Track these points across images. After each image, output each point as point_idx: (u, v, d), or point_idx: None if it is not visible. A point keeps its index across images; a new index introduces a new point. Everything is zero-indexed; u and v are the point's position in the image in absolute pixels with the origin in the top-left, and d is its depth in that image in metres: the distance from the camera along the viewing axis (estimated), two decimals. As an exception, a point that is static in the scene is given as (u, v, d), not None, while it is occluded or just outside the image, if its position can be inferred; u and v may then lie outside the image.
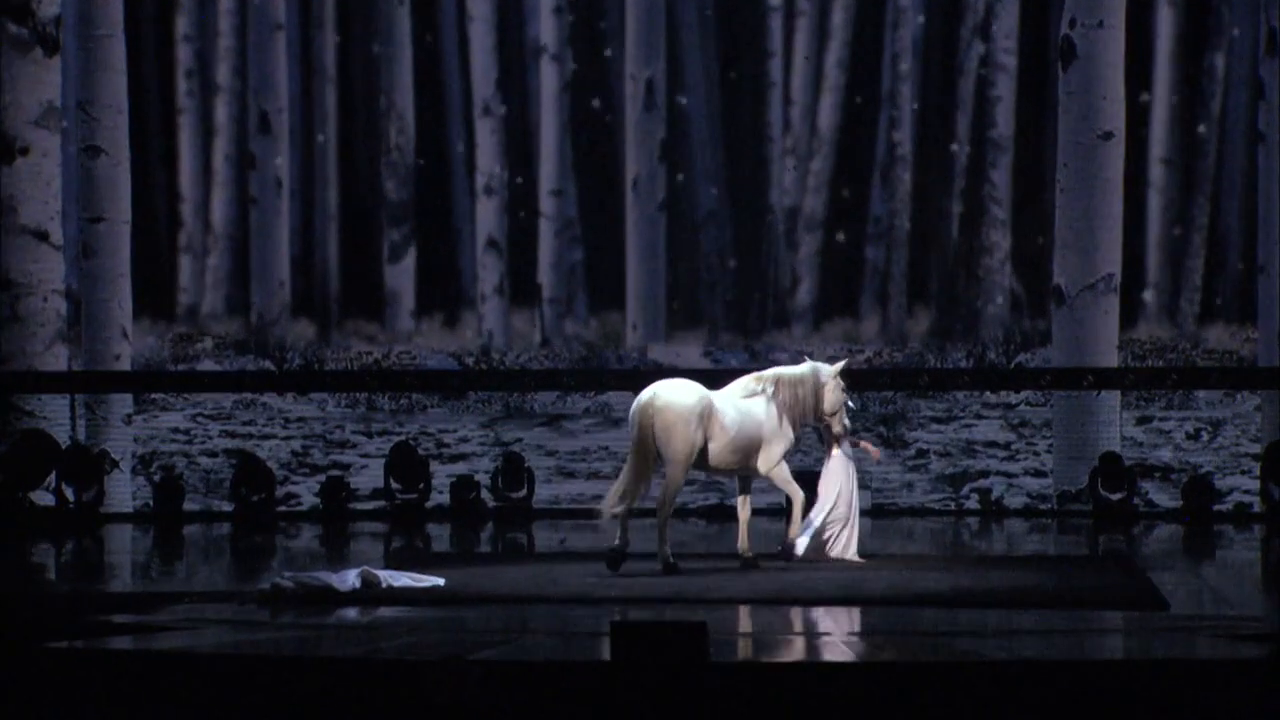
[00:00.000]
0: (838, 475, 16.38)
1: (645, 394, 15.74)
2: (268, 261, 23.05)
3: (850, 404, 16.36)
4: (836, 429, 16.31)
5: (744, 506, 16.16)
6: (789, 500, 16.11)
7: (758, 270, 22.94)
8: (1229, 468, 22.25)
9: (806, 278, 22.93)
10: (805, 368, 16.21)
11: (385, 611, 13.83)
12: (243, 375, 22.87)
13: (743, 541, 16.05)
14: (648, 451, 15.66)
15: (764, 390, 16.00)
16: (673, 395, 15.75)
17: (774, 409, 15.96)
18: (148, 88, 23.04)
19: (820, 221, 22.91)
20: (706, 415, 15.75)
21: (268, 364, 23.06)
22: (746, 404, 15.93)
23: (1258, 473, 21.87)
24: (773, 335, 22.81)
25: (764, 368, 16.66)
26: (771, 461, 15.93)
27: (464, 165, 23.08)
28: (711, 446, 15.78)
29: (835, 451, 16.54)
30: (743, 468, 16.09)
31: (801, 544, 16.33)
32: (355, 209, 23.20)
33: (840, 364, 16.35)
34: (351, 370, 22.99)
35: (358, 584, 14.44)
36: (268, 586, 14.38)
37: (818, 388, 16.07)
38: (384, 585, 14.54)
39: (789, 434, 15.98)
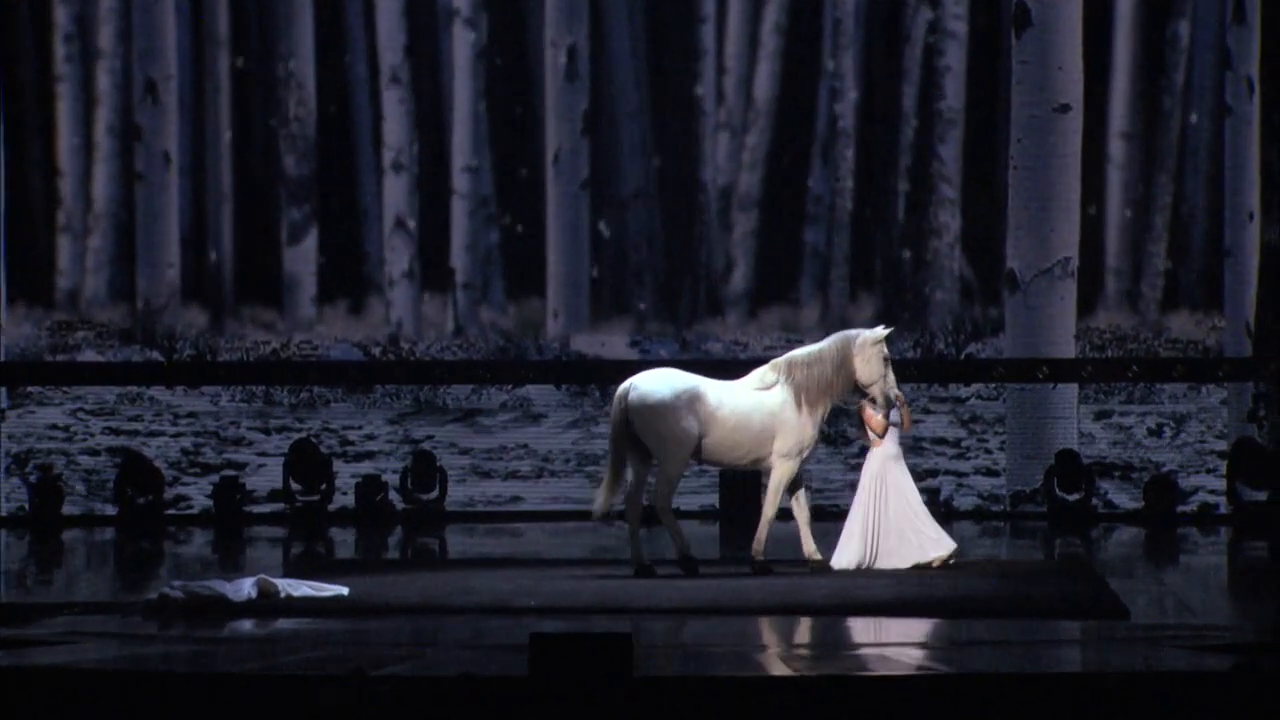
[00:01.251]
0: (874, 477, 15.95)
1: (623, 385, 15.82)
2: (155, 243, 22.91)
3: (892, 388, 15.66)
4: (879, 401, 15.72)
5: (799, 506, 15.89)
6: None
7: (689, 254, 22.96)
8: (1193, 466, 22.44)
9: (741, 261, 22.97)
10: (827, 341, 15.85)
11: (284, 624, 13.79)
12: (128, 367, 22.72)
13: (807, 545, 15.88)
14: (622, 447, 15.71)
15: (778, 378, 15.75)
16: (648, 387, 15.74)
17: (789, 396, 15.71)
18: (21, 52, 22.84)
19: (756, 201, 22.95)
20: (691, 406, 15.65)
21: (155, 355, 22.93)
22: (758, 395, 15.73)
23: (1224, 471, 22.08)
24: (705, 324, 22.84)
25: (695, 358, 16.65)
26: (780, 454, 15.69)
27: (370, 139, 22.99)
28: (706, 441, 15.71)
29: (876, 450, 16.07)
30: (758, 465, 15.98)
31: (841, 558, 15.99)
32: (251, 186, 23.08)
33: (881, 330, 15.80)
34: (247, 361, 22.89)
35: (254, 594, 14.39)
36: (155, 597, 14.31)
37: (844, 360, 15.62)
38: (282, 595, 14.50)
39: (805, 427, 15.64)
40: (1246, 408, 22.31)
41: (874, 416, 16.20)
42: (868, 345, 15.72)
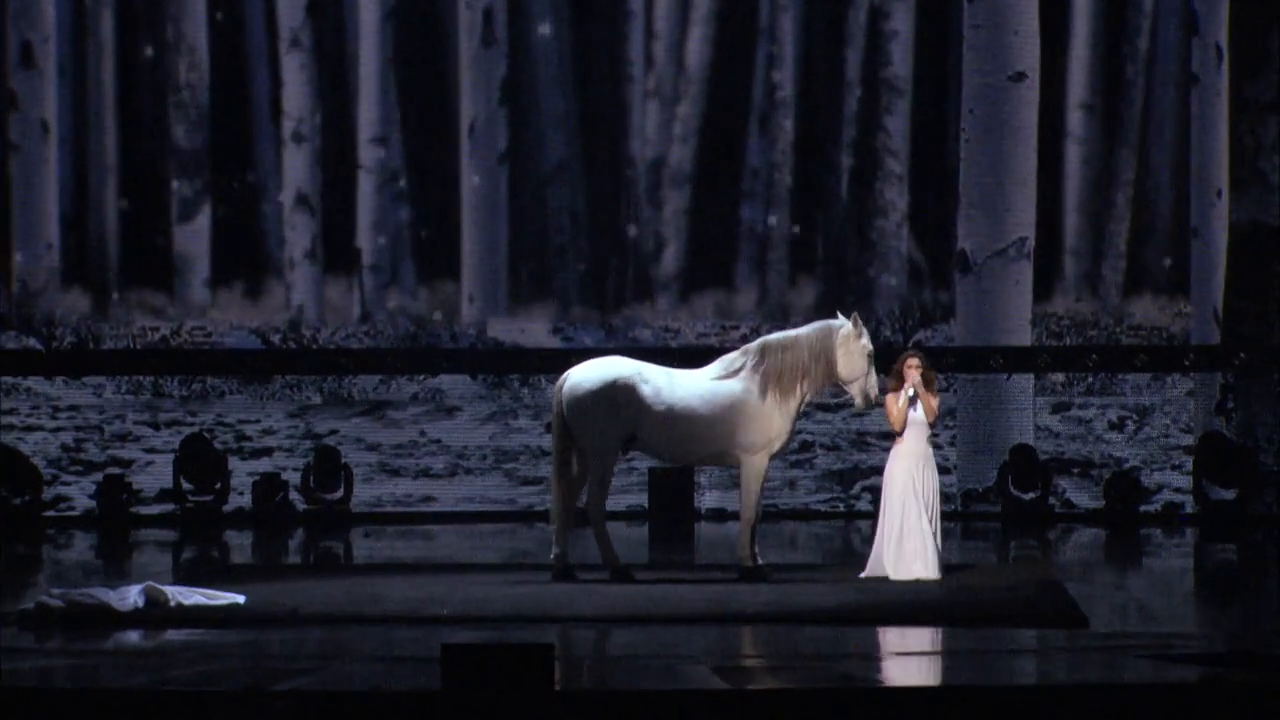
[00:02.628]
0: (899, 479, 15.68)
1: (564, 375, 15.88)
2: (32, 220, 22.76)
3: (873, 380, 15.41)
4: (859, 402, 15.50)
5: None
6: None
7: (616, 233, 22.97)
8: (1158, 462, 22.60)
9: (672, 241, 22.99)
10: (808, 327, 15.70)
11: (174, 635, 13.75)
12: (2, 355, 22.59)
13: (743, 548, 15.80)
14: (566, 442, 15.79)
15: (745, 363, 15.63)
16: (579, 377, 15.78)
17: (755, 384, 15.60)
18: (-113, 12, 22.68)
19: (688, 176, 22.97)
20: (622, 398, 15.63)
21: (33, 342, 22.80)
22: (713, 384, 15.63)
23: (1190, 468, 22.25)
24: (633, 309, 22.86)
25: (622, 346, 16.66)
26: (744, 448, 15.62)
27: (268, 107, 22.91)
28: (643, 434, 15.68)
29: (897, 448, 15.68)
30: (722, 461, 15.92)
31: (879, 565, 15.69)
32: (138, 159, 22.97)
33: (850, 323, 15.59)
34: (134, 349, 22.78)
35: (141, 602, 14.33)
36: (32, 606, 14.23)
37: (824, 350, 15.46)
38: (172, 604, 14.45)
39: (772, 418, 15.54)
40: (1214, 399, 22.48)
41: (891, 407, 15.84)
42: (851, 338, 15.57)
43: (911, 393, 15.64)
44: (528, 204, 22.96)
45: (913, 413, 15.72)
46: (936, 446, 16.38)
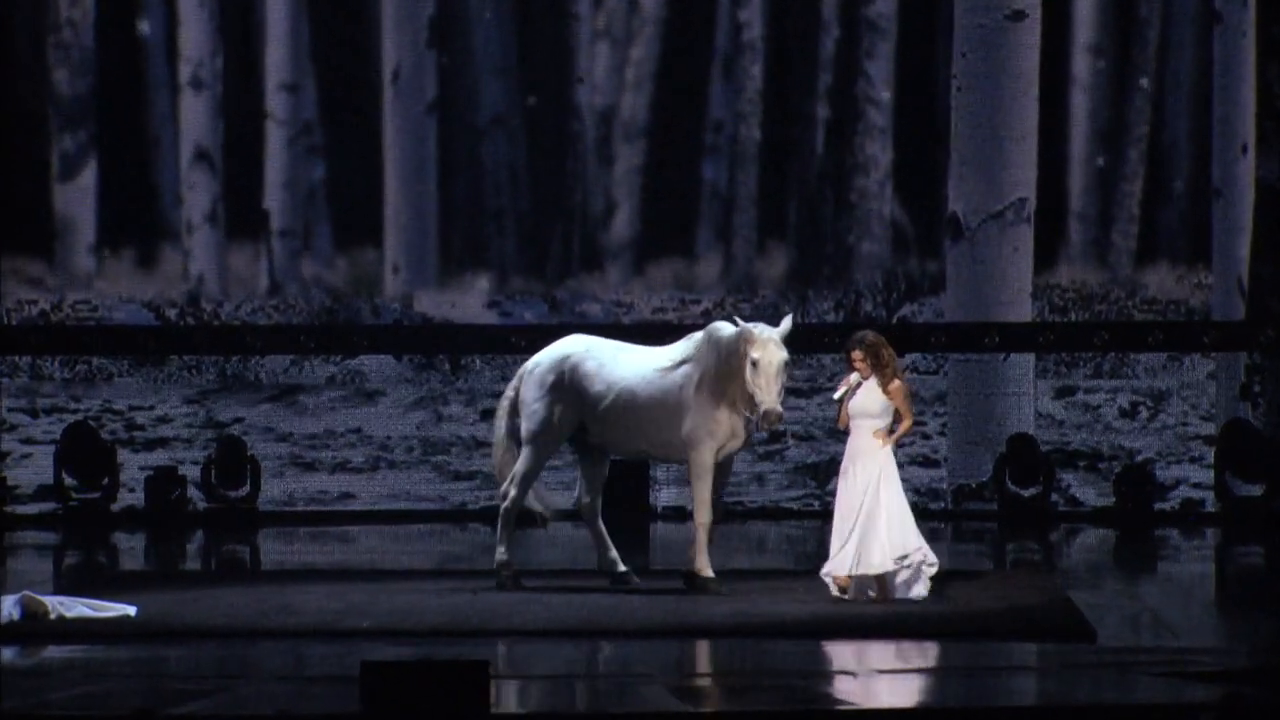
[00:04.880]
0: (853, 483, 15.61)
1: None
2: (-106, 178, 22.70)
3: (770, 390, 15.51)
4: (756, 420, 15.48)
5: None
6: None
7: (560, 194, 22.97)
8: (1174, 454, 22.68)
9: (625, 203, 23.00)
10: (749, 326, 15.67)
11: (54, 651, 13.70)
12: None
13: (699, 558, 15.85)
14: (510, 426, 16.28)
15: (694, 348, 15.80)
16: (536, 355, 16.18)
17: (695, 373, 15.73)
18: None
19: (643, 129, 22.98)
20: (567, 379, 15.88)
21: (-106, 317, 22.75)
22: (661, 367, 15.80)
23: (1211, 460, 22.32)
24: (580, 280, 22.87)
25: (566, 322, 16.71)
26: (690, 442, 15.67)
27: (163, 49, 22.84)
28: (587, 422, 15.88)
29: (861, 448, 15.42)
30: (671, 456, 16.07)
31: (831, 569, 15.67)
32: (13, 108, 22.89)
33: (783, 326, 15.62)
34: (8, 325, 22.71)
35: (16, 615, 14.29)
36: (-108, 619, 14.23)
37: (733, 352, 15.54)
38: (53, 616, 14.42)
39: (707, 411, 15.65)
40: (1239, 383, 22.56)
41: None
42: (758, 345, 15.54)
43: (842, 392, 15.63)
44: (460, 160, 22.93)
45: (856, 405, 15.63)
46: (925, 437, 16.40)
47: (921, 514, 22.02)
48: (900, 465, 15.83)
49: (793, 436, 22.68)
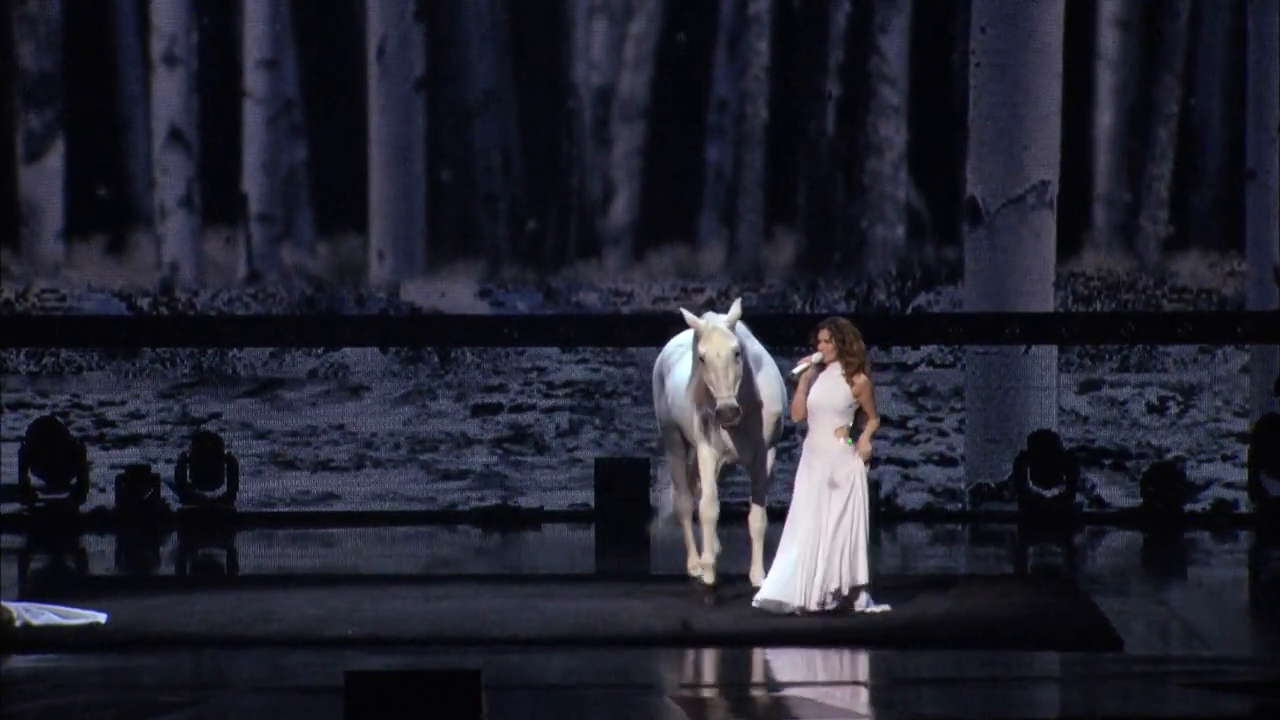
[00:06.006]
0: (819, 493, 15.60)
1: None
2: None
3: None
4: (698, 434, 15.66)
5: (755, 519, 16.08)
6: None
7: (556, 177, 22.98)
8: (1206, 452, 22.70)
9: (624, 187, 23.02)
10: (695, 319, 15.63)
11: (20, 661, 13.71)
12: None
13: (692, 557, 16.15)
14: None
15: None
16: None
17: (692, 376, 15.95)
18: None
19: (643, 109, 22.99)
20: (660, 373, 16.32)
21: None
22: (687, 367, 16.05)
23: (1244, 459, 22.34)
24: (577, 268, 22.89)
25: (564, 312, 16.72)
26: (694, 438, 15.95)
27: (135, 23, 22.85)
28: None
29: (821, 445, 15.55)
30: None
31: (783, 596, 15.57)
32: (-23, 85, 22.93)
33: (731, 312, 15.61)
34: (-28, 316, 22.76)
35: (-19, 622, 14.37)
36: None
37: (697, 353, 15.52)
38: (19, 624, 14.45)
39: (688, 414, 15.86)
40: (1274, 376, 22.58)
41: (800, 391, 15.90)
42: (703, 338, 15.48)
43: (802, 368, 15.46)
44: (449, 141, 22.94)
45: (817, 398, 15.51)
46: (941, 434, 16.40)
47: (938, 515, 22.17)
48: (914, 464, 15.88)
49: (797, 434, 22.67)
